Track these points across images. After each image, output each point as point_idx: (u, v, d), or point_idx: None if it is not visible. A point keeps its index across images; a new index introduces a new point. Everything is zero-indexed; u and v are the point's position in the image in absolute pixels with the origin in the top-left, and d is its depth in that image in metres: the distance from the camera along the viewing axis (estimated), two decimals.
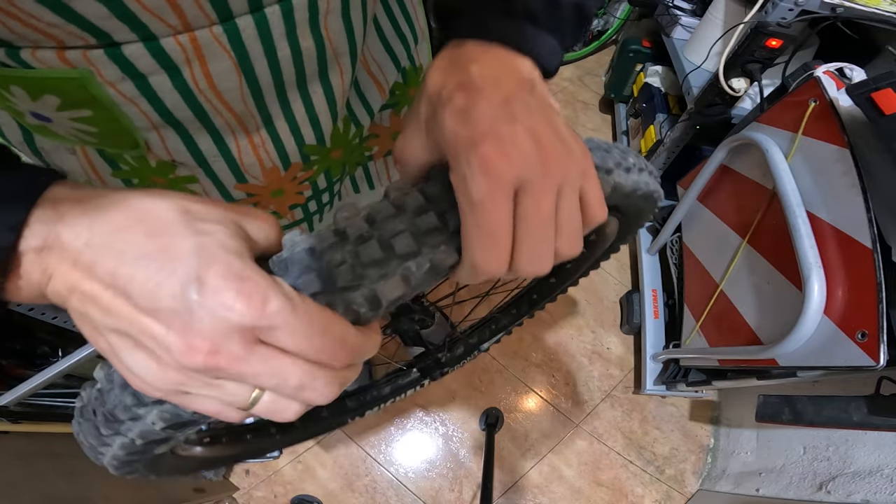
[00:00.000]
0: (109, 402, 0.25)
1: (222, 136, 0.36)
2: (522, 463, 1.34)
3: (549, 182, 0.22)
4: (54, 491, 0.83)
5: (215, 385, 0.20)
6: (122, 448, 0.28)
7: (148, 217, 0.19)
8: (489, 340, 0.87)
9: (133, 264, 0.18)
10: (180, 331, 0.18)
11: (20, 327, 1.11)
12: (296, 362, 0.20)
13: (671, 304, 1.36)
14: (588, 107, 1.95)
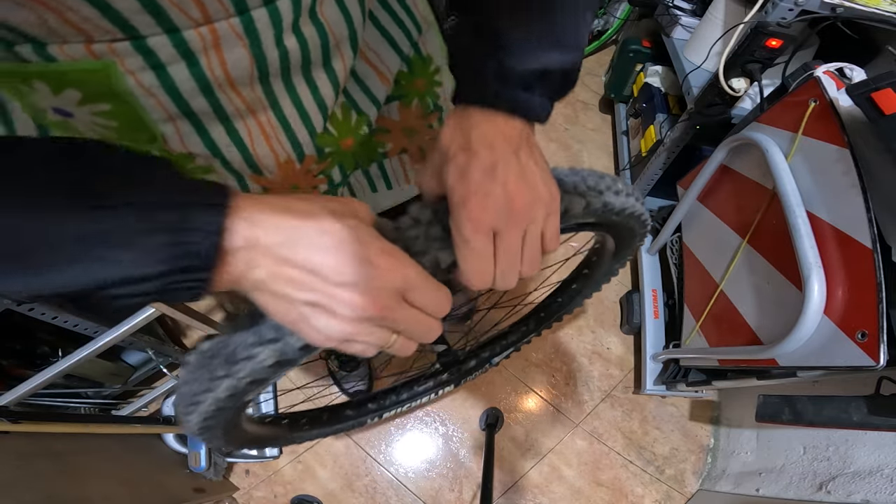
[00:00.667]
0: (233, 345, 0.34)
1: (234, 125, 0.38)
2: (522, 463, 1.34)
3: (515, 227, 0.32)
4: (54, 491, 0.83)
5: (372, 332, 0.28)
6: (226, 391, 0.36)
7: (311, 217, 0.27)
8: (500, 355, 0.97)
9: (321, 254, 0.26)
10: (362, 293, 0.27)
11: (20, 327, 1.11)
12: (419, 313, 0.30)
13: (671, 304, 1.36)
14: (588, 107, 1.95)
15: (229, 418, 0.44)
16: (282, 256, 0.26)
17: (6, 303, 0.91)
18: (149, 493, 1.04)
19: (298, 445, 1.35)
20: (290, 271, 0.26)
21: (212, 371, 0.35)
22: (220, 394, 0.36)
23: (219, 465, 1.25)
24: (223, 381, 0.35)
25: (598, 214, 0.42)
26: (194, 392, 0.38)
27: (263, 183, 0.44)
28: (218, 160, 0.40)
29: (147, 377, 1.36)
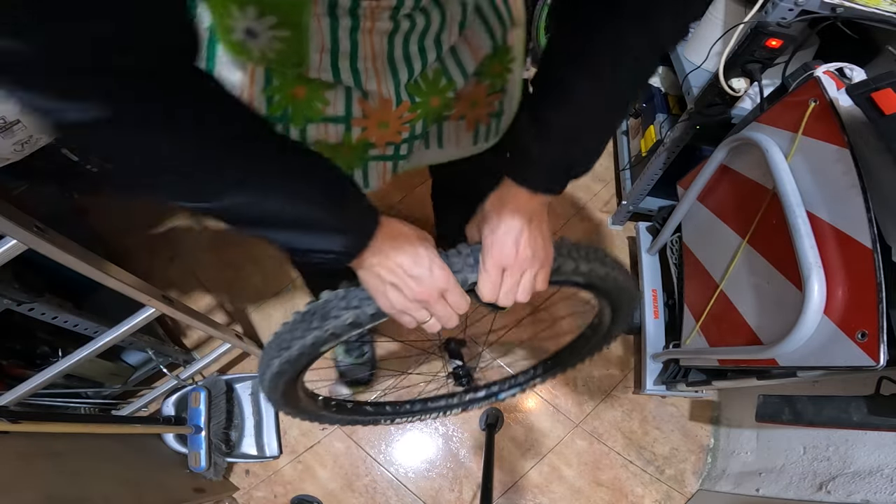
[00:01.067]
0: (329, 306, 0.52)
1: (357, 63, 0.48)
2: (522, 463, 1.34)
3: (517, 270, 0.50)
4: (54, 491, 0.83)
5: (418, 310, 0.48)
6: (312, 340, 0.53)
7: (409, 241, 0.47)
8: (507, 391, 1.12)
9: (408, 261, 0.46)
10: (420, 286, 0.47)
11: (20, 327, 1.11)
12: (448, 307, 0.49)
13: (671, 304, 1.36)
14: None
15: (295, 375, 0.63)
16: (388, 257, 0.46)
17: (6, 303, 0.91)
18: (149, 493, 1.04)
19: (298, 445, 1.35)
20: (390, 264, 0.46)
21: (307, 324, 0.52)
22: (307, 342, 0.53)
23: (219, 465, 1.25)
24: (313, 332, 0.52)
25: (585, 276, 0.58)
26: (288, 339, 0.55)
27: (365, 107, 0.54)
28: (337, 79, 0.50)
29: (147, 377, 1.36)
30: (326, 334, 0.52)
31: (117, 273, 0.82)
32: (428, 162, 0.70)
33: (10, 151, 0.82)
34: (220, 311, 1.50)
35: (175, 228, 1.62)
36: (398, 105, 0.53)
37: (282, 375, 0.62)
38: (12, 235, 0.64)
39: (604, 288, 0.65)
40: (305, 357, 0.56)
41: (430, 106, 0.56)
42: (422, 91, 0.54)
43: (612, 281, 0.62)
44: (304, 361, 0.58)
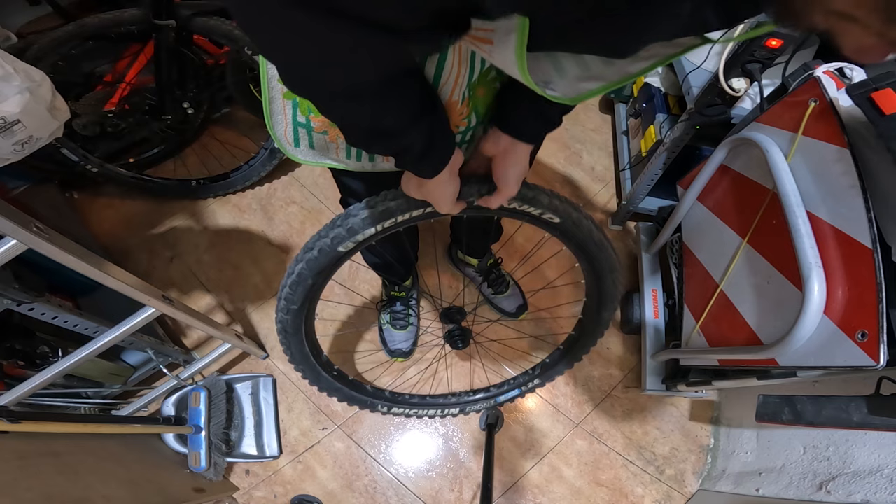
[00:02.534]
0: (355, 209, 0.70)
1: (443, 67, 0.55)
2: (522, 463, 1.34)
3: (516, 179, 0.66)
4: (54, 491, 0.83)
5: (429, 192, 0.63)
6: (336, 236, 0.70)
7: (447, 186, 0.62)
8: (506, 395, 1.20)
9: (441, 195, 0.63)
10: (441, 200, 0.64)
11: (20, 327, 1.11)
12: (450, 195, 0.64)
13: (671, 304, 1.36)
14: (588, 107, 1.95)
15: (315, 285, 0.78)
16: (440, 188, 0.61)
17: (6, 303, 0.91)
18: (149, 493, 1.04)
19: (298, 445, 1.35)
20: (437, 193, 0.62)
21: (331, 224, 0.69)
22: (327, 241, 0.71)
23: (219, 465, 1.25)
24: (335, 229, 0.69)
25: (557, 213, 0.74)
26: (315, 238, 0.72)
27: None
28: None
29: (147, 377, 1.36)
30: (344, 230, 0.67)
31: (117, 273, 0.82)
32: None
33: (10, 151, 0.82)
34: (220, 311, 1.50)
35: (175, 228, 1.62)
36: (461, 104, 0.61)
37: (302, 281, 0.76)
38: (12, 235, 0.65)
39: (578, 237, 0.79)
40: (325, 257, 0.71)
41: (477, 96, 0.63)
42: (474, 84, 0.60)
43: (587, 231, 0.77)
44: (325, 262, 0.73)
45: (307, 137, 0.66)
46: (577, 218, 0.76)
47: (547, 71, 0.45)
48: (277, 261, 1.57)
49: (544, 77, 0.45)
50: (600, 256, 0.83)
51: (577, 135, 1.86)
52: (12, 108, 0.77)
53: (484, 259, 1.44)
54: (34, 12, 1.44)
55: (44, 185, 1.48)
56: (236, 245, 1.59)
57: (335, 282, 1.54)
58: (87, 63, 1.43)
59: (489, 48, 0.42)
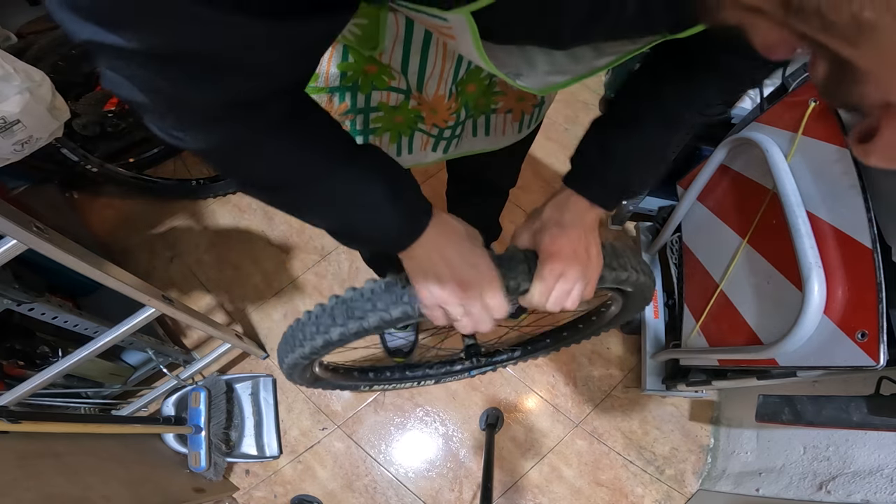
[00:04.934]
0: (356, 304, 0.54)
1: (426, 61, 0.53)
2: (522, 463, 1.34)
3: (571, 280, 0.51)
4: (54, 491, 0.83)
5: (454, 307, 0.48)
6: (338, 336, 0.55)
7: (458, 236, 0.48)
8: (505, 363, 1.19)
9: (456, 255, 0.47)
10: (462, 284, 0.47)
11: (20, 327, 1.11)
12: (484, 311, 0.49)
13: (671, 304, 1.36)
14: (588, 107, 1.95)
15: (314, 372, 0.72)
16: (437, 249, 0.47)
17: (6, 303, 0.91)
18: (149, 493, 1.04)
19: (298, 445, 1.35)
20: (436, 256, 0.47)
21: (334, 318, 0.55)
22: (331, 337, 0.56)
23: (219, 465, 1.25)
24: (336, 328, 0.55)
25: (622, 283, 0.61)
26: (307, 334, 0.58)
27: (419, 99, 0.60)
28: (403, 75, 0.56)
29: (147, 377, 1.36)
30: (348, 334, 0.55)
31: (117, 273, 0.82)
32: (479, 149, 0.75)
33: (10, 151, 0.82)
34: (220, 311, 1.50)
35: (175, 228, 1.62)
36: (448, 98, 0.60)
37: (299, 365, 0.67)
38: (12, 235, 0.65)
39: (629, 292, 0.67)
40: (331, 347, 0.60)
41: (467, 92, 0.61)
42: (463, 80, 0.59)
43: (640, 286, 0.64)
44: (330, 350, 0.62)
45: None
46: (637, 280, 0.63)
47: (518, 64, 0.45)
48: (277, 261, 1.57)
49: (515, 69, 0.45)
50: (639, 299, 0.73)
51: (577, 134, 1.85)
52: (12, 108, 0.77)
53: None
54: (34, 12, 1.44)
55: (44, 185, 1.48)
56: (236, 245, 1.59)
57: (334, 282, 1.54)
58: (87, 63, 1.43)
59: (454, 43, 0.42)
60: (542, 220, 0.54)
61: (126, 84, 0.29)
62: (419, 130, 0.67)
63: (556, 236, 0.51)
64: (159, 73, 0.29)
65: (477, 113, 0.69)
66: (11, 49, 1.19)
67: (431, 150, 0.71)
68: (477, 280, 0.48)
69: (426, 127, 0.66)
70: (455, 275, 0.47)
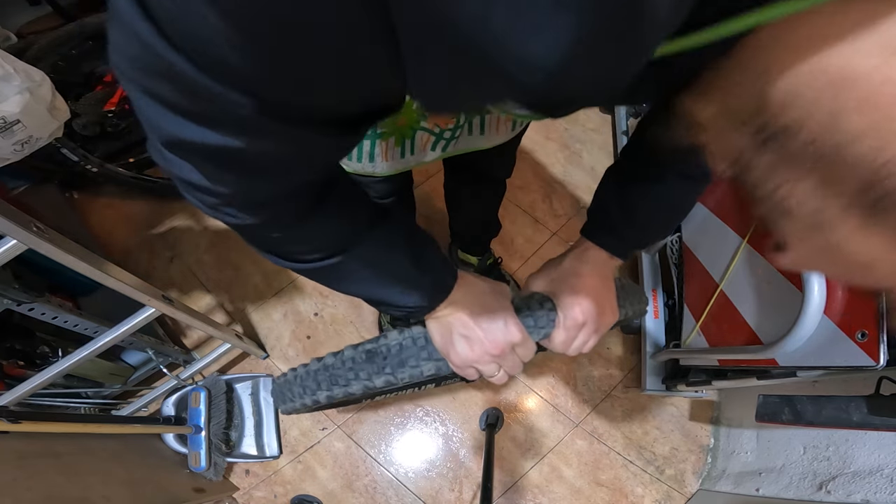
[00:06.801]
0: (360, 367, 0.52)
1: None
2: (522, 463, 1.34)
3: (592, 328, 0.52)
4: (54, 491, 0.83)
5: (487, 364, 0.49)
6: (326, 399, 0.54)
7: (484, 296, 0.49)
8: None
9: (484, 316, 0.47)
10: (493, 341, 0.47)
11: (20, 327, 1.11)
12: (517, 359, 0.50)
13: (671, 304, 1.36)
14: None
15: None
16: (463, 309, 0.47)
17: (6, 303, 0.91)
18: (149, 493, 1.04)
19: (298, 445, 1.35)
20: (463, 317, 0.47)
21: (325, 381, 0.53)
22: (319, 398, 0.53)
23: (219, 465, 1.25)
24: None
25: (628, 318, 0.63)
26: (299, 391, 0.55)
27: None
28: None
29: (147, 377, 1.36)
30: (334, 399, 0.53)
31: (117, 273, 0.82)
32: (475, 147, 0.77)
33: (10, 151, 0.82)
34: (220, 311, 1.50)
35: (175, 228, 1.62)
36: None
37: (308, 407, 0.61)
38: (12, 235, 0.65)
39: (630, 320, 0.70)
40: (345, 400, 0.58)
41: None
42: None
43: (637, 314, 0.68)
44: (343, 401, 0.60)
45: None
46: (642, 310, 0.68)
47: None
48: None
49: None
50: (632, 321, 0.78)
51: (577, 135, 1.86)
52: (12, 108, 0.77)
53: (484, 258, 1.44)
54: (34, 12, 1.44)
55: (44, 185, 1.48)
56: (236, 245, 1.59)
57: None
58: (87, 63, 1.43)
59: None
60: (560, 270, 0.55)
61: (187, 166, 0.29)
62: (421, 129, 0.68)
63: (576, 287, 0.52)
64: (224, 167, 0.29)
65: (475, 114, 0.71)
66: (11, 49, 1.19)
67: (431, 150, 0.72)
68: (506, 336, 0.48)
69: (428, 125, 0.67)
70: (485, 335, 0.47)
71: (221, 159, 0.28)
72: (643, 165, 0.53)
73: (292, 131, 0.26)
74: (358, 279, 0.44)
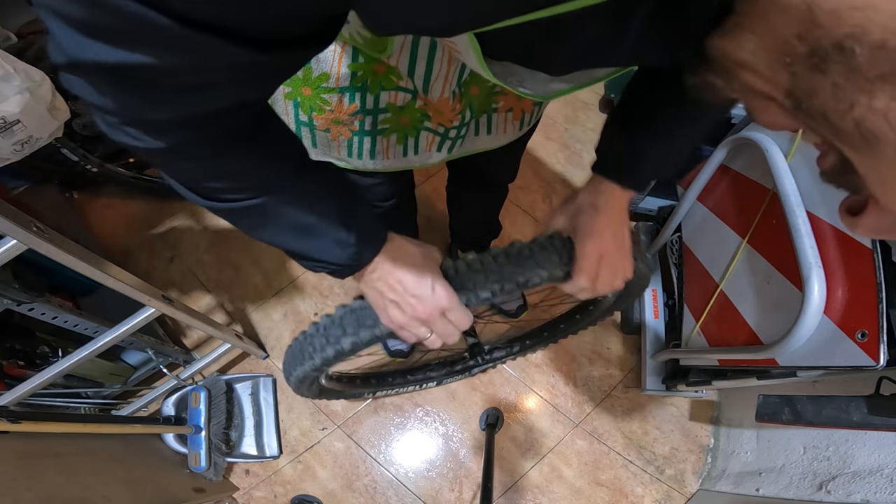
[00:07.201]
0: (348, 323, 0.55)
1: (433, 64, 0.54)
2: (522, 463, 1.34)
3: (615, 258, 0.53)
4: (54, 491, 0.83)
5: (418, 327, 0.49)
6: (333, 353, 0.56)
7: (413, 259, 0.48)
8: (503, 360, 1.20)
9: (411, 280, 0.47)
10: (422, 304, 0.47)
11: (20, 327, 1.11)
12: (449, 325, 0.50)
13: (671, 304, 1.36)
14: (588, 106, 1.95)
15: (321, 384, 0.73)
16: (391, 273, 0.48)
17: (6, 303, 0.91)
18: (149, 493, 1.04)
19: (298, 445, 1.35)
20: (391, 281, 0.48)
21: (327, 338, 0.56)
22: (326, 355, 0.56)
23: (219, 465, 1.25)
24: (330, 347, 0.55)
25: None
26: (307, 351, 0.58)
27: (425, 100, 0.61)
28: (410, 78, 0.57)
29: (147, 377, 1.36)
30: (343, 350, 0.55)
31: (117, 273, 0.82)
32: (481, 148, 0.77)
33: (10, 151, 0.82)
34: (220, 311, 1.50)
35: (175, 228, 1.62)
36: (452, 100, 0.61)
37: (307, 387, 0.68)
38: (12, 235, 0.65)
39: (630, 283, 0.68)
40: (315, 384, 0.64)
41: (470, 94, 0.62)
42: (466, 82, 0.60)
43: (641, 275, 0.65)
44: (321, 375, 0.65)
45: (310, 136, 0.67)
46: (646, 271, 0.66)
47: (521, 73, 0.45)
48: (277, 261, 1.57)
49: (518, 78, 0.46)
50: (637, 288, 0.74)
51: (577, 134, 1.86)
52: (12, 108, 0.77)
53: None
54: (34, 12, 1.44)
55: (44, 185, 1.48)
56: (236, 245, 1.59)
57: (334, 283, 1.54)
58: None
59: (458, 54, 0.42)
60: (577, 204, 0.55)
61: (86, 86, 0.29)
62: (425, 129, 0.67)
63: (595, 218, 0.52)
64: (129, 85, 0.28)
65: (479, 113, 0.70)
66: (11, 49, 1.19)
67: (436, 151, 0.71)
68: (434, 301, 0.48)
69: (432, 125, 0.67)
70: (412, 298, 0.47)
71: (123, 76, 0.27)
72: (648, 113, 0.53)
73: (196, 37, 0.25)
74: (278, 226, 0.42)
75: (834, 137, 0.22)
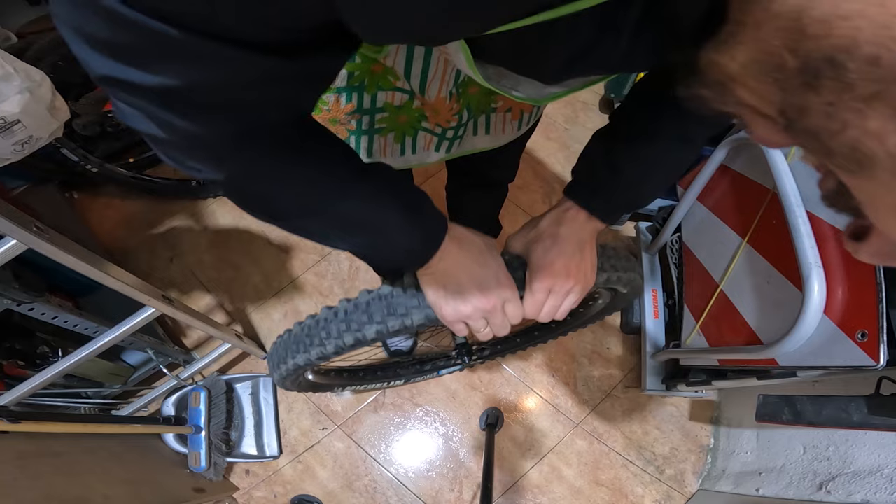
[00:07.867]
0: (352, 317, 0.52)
1: (429, 65, 0.54)
2: (522, 463, 1.34)
3: (562, 293, 0.51)
4: (54, 491, 0.83)
5: (477, 319, 0.48)
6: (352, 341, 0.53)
7: (477, 248, 0.48)
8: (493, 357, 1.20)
9: (477, 270, 0.47)
10: (485, 295, 0.47)
11: (20, 327, 1.11)
12: (505, 317, 0.49)
13: (671, 304, 1.36)
14: (588, 106, 1.95)
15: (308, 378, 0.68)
16: (456, 263, 0.46)
17: (6, 303, 0.91)
18: (149, 493, 1.04)
19: (298, 445, 1.35)
20: (456, 272, 0.47)
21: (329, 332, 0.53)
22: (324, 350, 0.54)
23: (219, 465, 1.25)
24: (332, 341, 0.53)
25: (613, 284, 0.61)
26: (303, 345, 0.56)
27: (422, 100, 0.61)
28: (406, 79, 0.57)
29: (147, 377, 1.36)
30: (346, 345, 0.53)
31: (117, 273, 0.82)
32: (480, 148, 0.76)
33: (10, 151, 0.82)
34: (220, 311, 1.50)
35: (175, 228, 1.62)
36: (450, 100, 0.61)
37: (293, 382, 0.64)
38: (12, 235, 0.65)
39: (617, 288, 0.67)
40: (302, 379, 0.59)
41: (469, 94, 0.62)
42: (464, 83, 0.60)
43: (629, 285, 0.64)
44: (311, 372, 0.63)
45: None
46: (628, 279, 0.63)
47: (514, 77, 0.45)
48: (277, 261, 1.57)
49: (512, 82, 0.46)
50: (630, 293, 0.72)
51: (577, 135, 1.86)
52: (12, 108, 0.77)
53: None
54: (34, 12, 1.44)
55: (44, 185, 1.48)
56: (236, 245, 1.59)
57: (334, 282, 1.54)
58: None
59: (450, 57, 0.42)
60: (537, 231, 0.53)
61: (139, 116, 0.29)
62: (423, 129, 0.67)
63: (549, 249, 0.50)
64: (170, 108, 0.29)
65: (478, 113, 0.70)
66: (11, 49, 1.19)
67: (434, 150, 0.71)
68: (498, 291, 0.47)
69: (429, 125, 0.67)
70: (477, 288, 0.46)
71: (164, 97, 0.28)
72: (634, 124, 0.51)
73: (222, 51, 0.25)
74: (348, 233, 0.43)
75: (827, 159, 0.21)
